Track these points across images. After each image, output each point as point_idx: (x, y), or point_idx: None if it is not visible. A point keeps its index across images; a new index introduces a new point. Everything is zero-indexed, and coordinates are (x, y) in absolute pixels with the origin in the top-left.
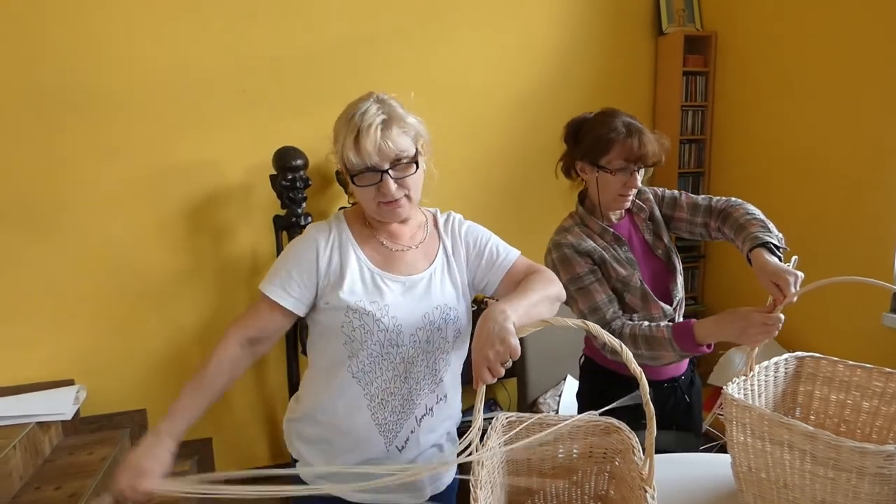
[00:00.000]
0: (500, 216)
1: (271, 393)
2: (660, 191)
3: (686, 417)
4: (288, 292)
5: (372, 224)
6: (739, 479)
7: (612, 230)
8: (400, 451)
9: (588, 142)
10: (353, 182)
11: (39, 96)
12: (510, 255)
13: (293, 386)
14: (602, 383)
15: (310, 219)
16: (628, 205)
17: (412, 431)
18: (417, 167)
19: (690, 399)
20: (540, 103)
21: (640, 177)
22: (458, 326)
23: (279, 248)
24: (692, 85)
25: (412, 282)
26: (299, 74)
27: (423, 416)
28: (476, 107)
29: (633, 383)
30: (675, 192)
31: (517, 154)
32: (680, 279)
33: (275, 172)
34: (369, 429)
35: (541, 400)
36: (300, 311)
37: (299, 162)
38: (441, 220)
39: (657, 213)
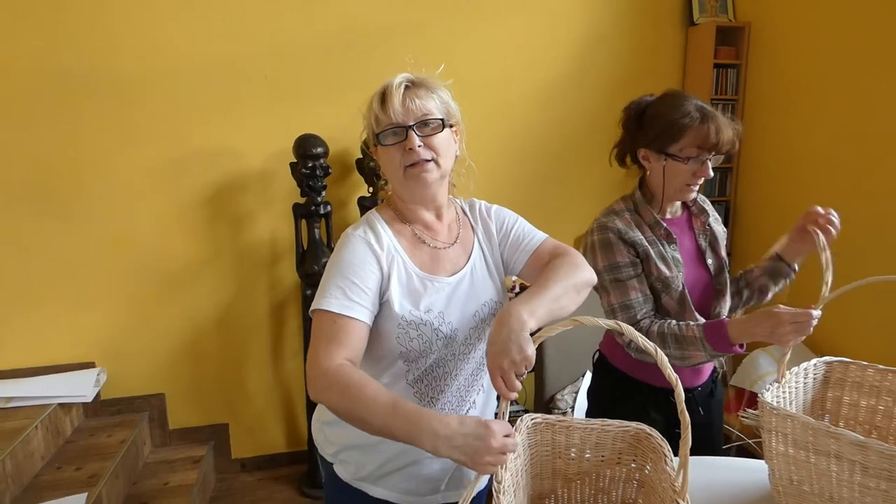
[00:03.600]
0: (521, 208)
1: (288, 379)
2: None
3: (702, 431)
4: (359, 303)
5: (405, 216)
6: (779, 493)
7: (665, 225)
8: None
9: (657, 127)
10: (379, 142)
11: (61, 82)
12: (537, 236)
13: None
14: (612, 384)
15: (329, 207)
16: (694, 195)
17: None
18: (444, 127)
19: (709, 412)
20: (564, 94)
21: (710, 165)
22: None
23: (298, 237)
24: (723, 78)
25: (456, 281)
26: (321, 62)
27: (468, 410)
28: (499, 97)
29: (642, 387)
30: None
31: (540, 145)
32: (726, 305)
33: (295, 160)
34: None
35: (558, 396)
36: (370, 324)
37: (320, 150)
38: (466, 207)
39: (720, 226)
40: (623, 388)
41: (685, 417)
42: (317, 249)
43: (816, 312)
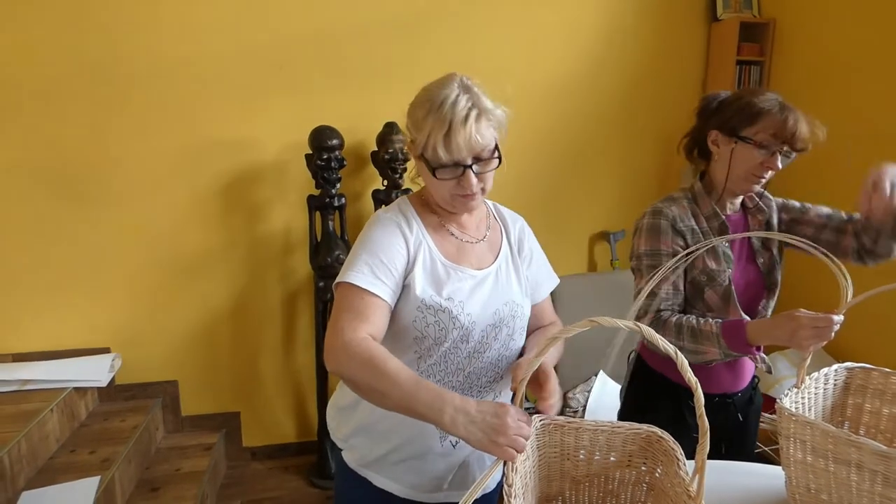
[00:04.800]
0: (533, 204)
1: (299, 370)
2: (781, 200)
3: (739, 436)
4: (384, 282)
5: (438, 212)
6: (796, 501)
7: (723, 217)
8: (454, 446)
9: (735, 108)
10: (434, 175)
11: (80, 71)
12: (546, 285)
13: (321, 364)
14: (648, 386)
15: (343, 199)
16: (758, 188)
17: None
18: (500, 162)
19: (746, 418)
20: (583, 89)
21: (780, 161)
22: (524, 323)
23: (312, 228)
24: (746, 75)
25: (482, 276)
26: (339, 53)
27: None
28: (517, 91)
29: (680, 391)
30: (801, 203)
31: (559, 140)
32: (773, 303)
33: (310, 152)
34: (426, 423)
35: (570, 395)
36: (393, 305)
37: (335, 142)
38: (505, 214)
39: (775, 220)
40: (659, 391)
41: (704, 422)
42: (330, 242)
43: (838, 318)
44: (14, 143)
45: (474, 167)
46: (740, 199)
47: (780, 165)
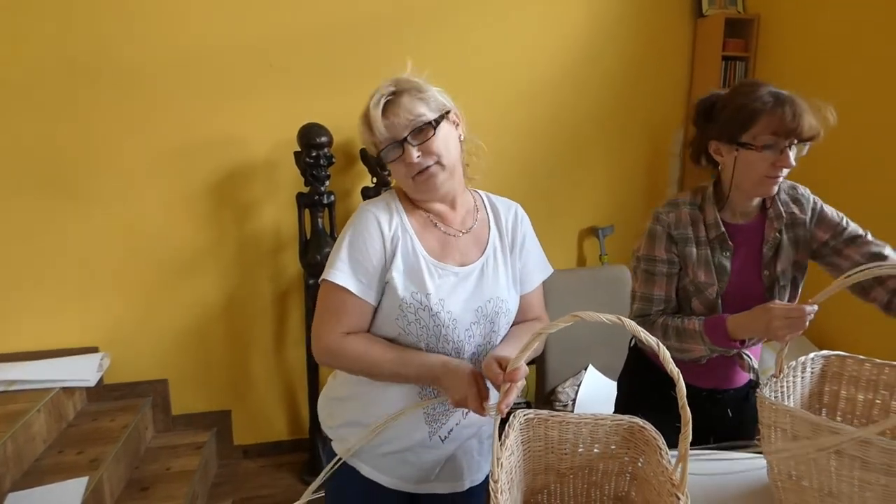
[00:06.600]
0: (526, 199)
1: (290, 368)
2: (826, 211)
3: (732, 431)
4: (360, 280)
5: (420, 205)
6: (778, 488)
7: (722, 229)
8: (443, 441)
9: (726, 115)
10: (383, 159)
11: (69, 68)
12: (537, 275)
13: (312, 361)
14: (644, 376)
15: (332, 197)
16: (776, 188)
17: (457, 423)
18: (435, 130)
19: (742, 415)
20: (570, 85)
21: (792, 154)
22: (509, 319)
23: (301, 226)
24: (731, 70)
25: (465, 273)
26: (328, 51)
27: (467, 413)
28: (506, 87)
29: (673, 381)
30: (857, 230)
31: (546, 135)
32: None
33: (299, 149)
34: (416, 417)
35: (559, 389)
36: (373, 302)
37: (324, 139)
38: (499, 204)
39: (797, 232)
40: (654, 380)
41: (686, 412)
42: (320, 239)
43: (811, 308)
44: (1, 141)
45: (411, 139)
46: (756, 201)
47: (793, 162)
